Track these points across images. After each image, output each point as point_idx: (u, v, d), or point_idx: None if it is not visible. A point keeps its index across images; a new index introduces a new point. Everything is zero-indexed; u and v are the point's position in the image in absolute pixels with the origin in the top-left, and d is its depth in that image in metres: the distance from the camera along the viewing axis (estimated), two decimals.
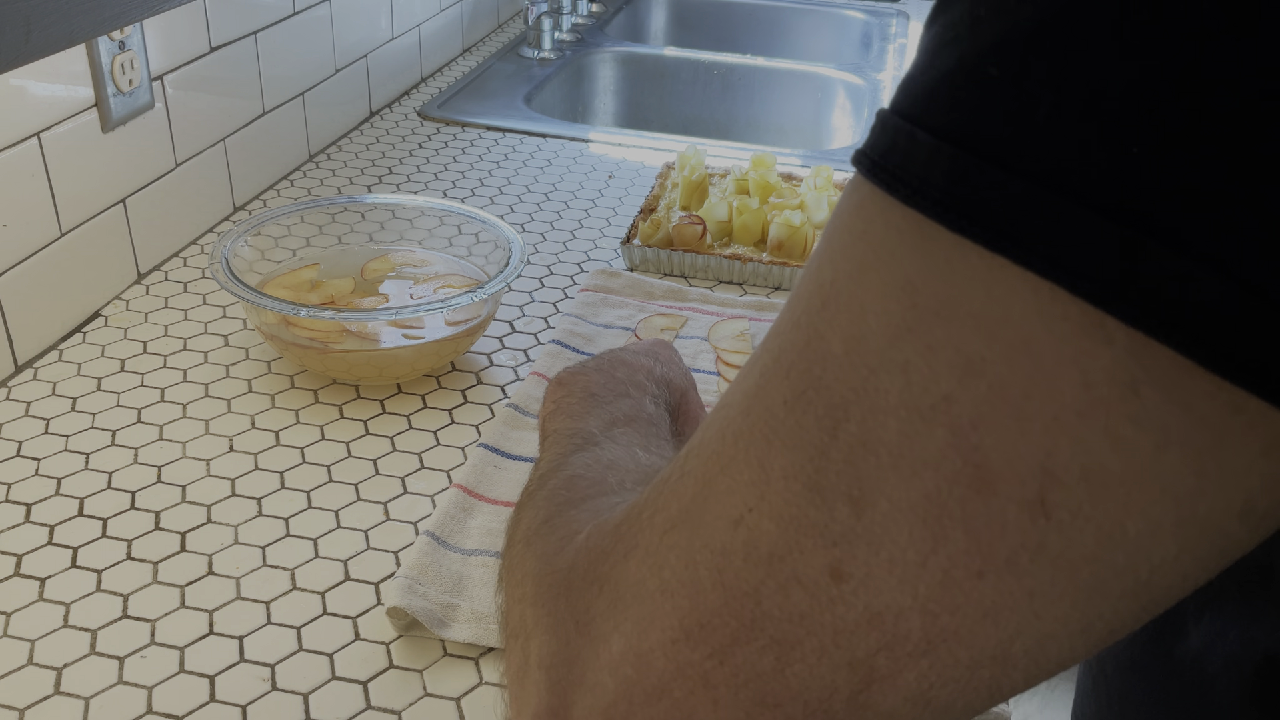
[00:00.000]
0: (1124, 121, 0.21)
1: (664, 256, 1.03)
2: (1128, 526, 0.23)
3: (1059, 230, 0.22)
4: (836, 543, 0.25)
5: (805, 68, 1.70)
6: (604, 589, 0.29)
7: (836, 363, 0.25)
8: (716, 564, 0.26)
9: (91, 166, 0.90)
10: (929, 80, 0.24)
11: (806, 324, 0.26)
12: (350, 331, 0.84)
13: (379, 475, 0.76)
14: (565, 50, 1.68)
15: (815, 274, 0.26)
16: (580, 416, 0.50)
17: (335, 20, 1.27)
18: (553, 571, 0.32)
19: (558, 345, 0.90)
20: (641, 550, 0.28)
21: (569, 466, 0.43)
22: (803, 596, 0.25)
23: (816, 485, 0.25)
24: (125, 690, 0.59)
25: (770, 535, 0.25)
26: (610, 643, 0.28)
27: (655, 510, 0.29)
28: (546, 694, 0.30)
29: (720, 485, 0.27)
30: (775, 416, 0.26)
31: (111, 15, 0.52)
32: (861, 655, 0.25)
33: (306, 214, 0.95)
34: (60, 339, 0.89)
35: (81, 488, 0.73)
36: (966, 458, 0.23)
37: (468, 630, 0.62)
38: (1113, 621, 0.25)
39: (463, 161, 1.28)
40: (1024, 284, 0.22)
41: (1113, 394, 0.22)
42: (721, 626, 0.26)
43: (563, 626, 0.30)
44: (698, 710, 0.26)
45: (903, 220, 0.24)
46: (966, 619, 0.24)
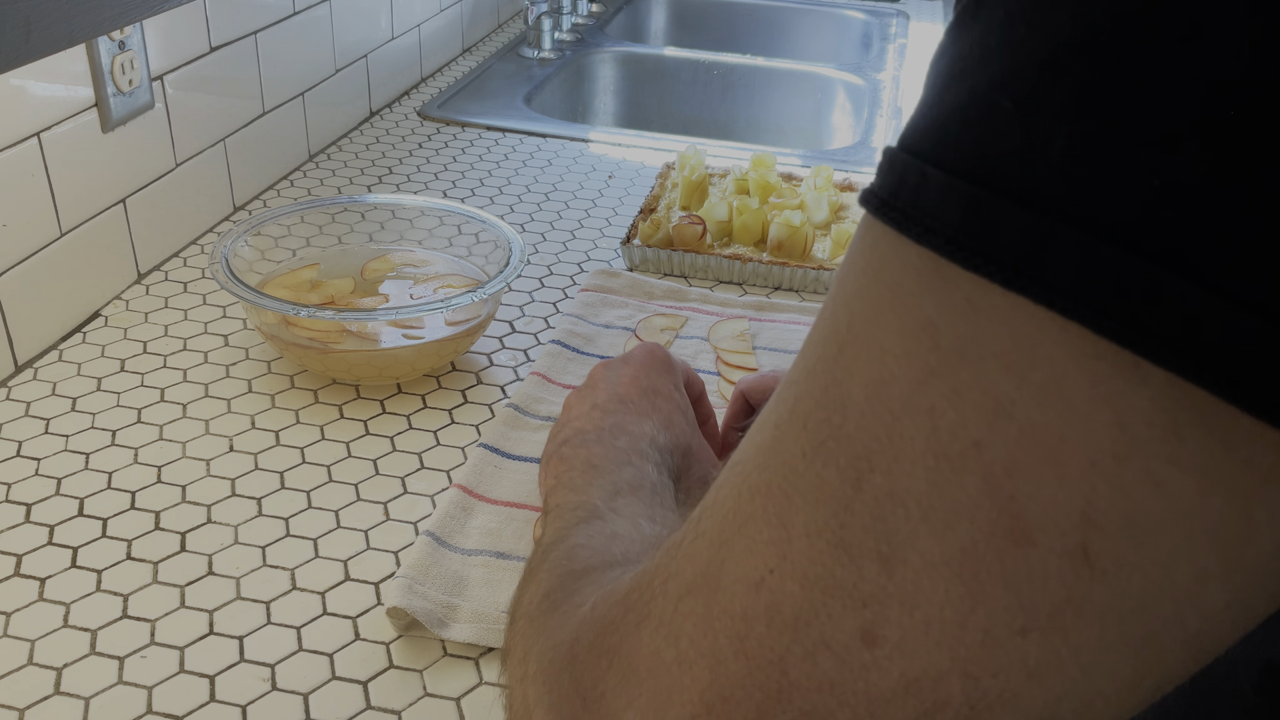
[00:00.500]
0: (1145, 154, 0.20)
1: (664, 256, 1.03)
2: (1175, 576, 0.22)
3: (1082, 267, 0.21)
4: (867, 604, 0.23)
5: (805, 68, 1.70)
6: (614, 662, 0.27)
7: (858, 410, 0.23)
8: (737, 631, 0.25)
9: (91, 166, 0.90)
10: (938, 115, 0.23)
11: (823, 371, 0.25)
12: (350, 331, 0.84)
13: (379, 475, 0.76)
14: (565, 50, 1.68)
15: (830, 319, 0.25)
16: (582, 489, 0.48)
17: (335, 20, 1.27)
18: (554, 646, 0.30)
19: (558, 345, 0.90)
20: (655, 619, 0.27)
21: (571, 538, 0.41)
22: (833, 664, 0.23)
23: (842, 542, 0.23)
24: (125, 690, 0.59)
25: (795, 598, 0.24)
26: (623, 719, 0.27)
27: (669, 576, 0.27)
28: None
29: (738, 546, 0.25)
30: (794, 470, 0.24)
31: (111, 15, 0.52)
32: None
33: (306, 214, 0.95)
34: (60, 339, 0.89)
35: (81, 488, 0.73)
36: (1002, 507, 0.22)
37: (468, 630, 0.62)
38: (1161, 676, 0.23)
39: (463, 161, 1.28)
40: (1050, 323, 0.21)
41: (1152, 436, 0.21)
42: (745, 700, 0.24)
43: (568, 704, 0.29)
44: None
45: (918, 259, 0.23)
46: (1011, 681, 0.23)
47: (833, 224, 1.11)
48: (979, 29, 0.23)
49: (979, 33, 0.23)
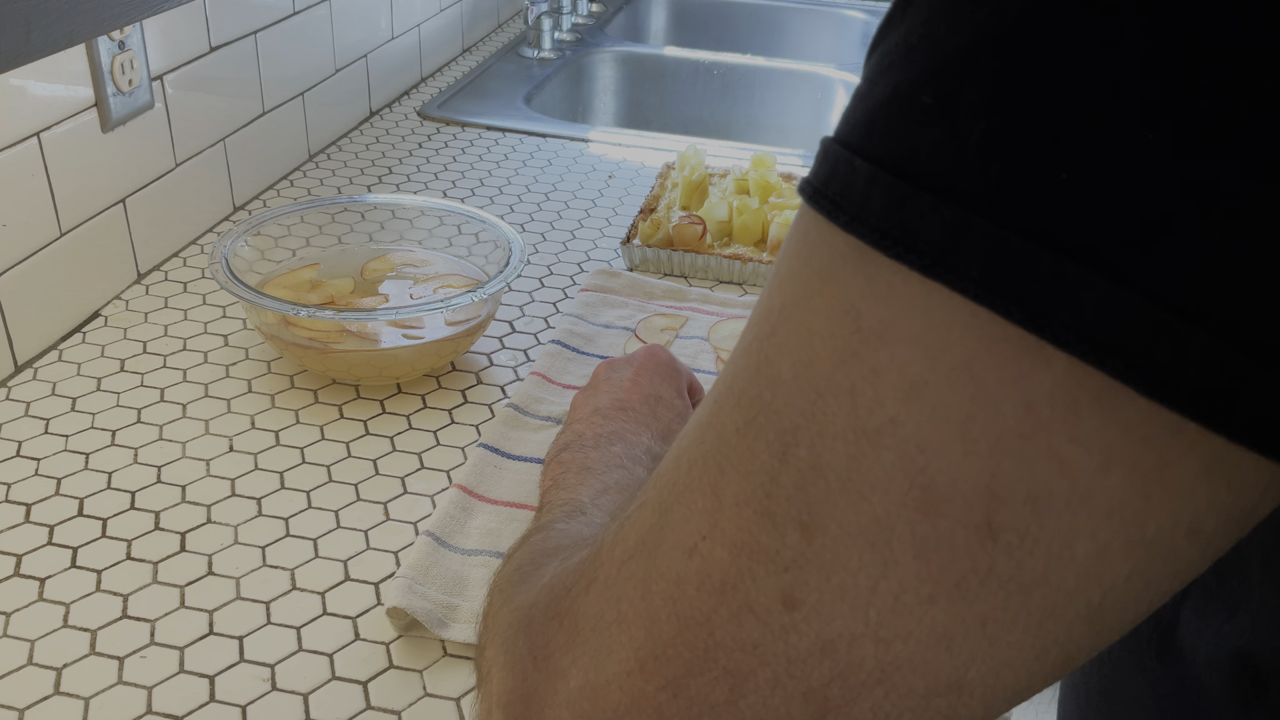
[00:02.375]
0: (1053, 149, 0.21)
1: (664, 256, 1.03)
2: (1076, 549, 0.23)
3: (992, 256, 0.22)
4: (788, 569, 0.24)
5: (805, 68, 1.70)
6: (563, 624, 0.29)
7: (785, 388, 0.24)
8: (671, 594, 0.26)
9: (91, 166, 0.90)
10: (867, 109, 0.24)
11: (756, 350, 0.26)
12: (350, 331, 0.84)
13: (379, 475, 0.76)
14: (565, 50, 1.68)
15: (766, 301, 0.26)
16: (573, 489, 0.50)
17: (335, 20, 1.27)
18: (514, 610, 0.32)
19: (558, 345, 0.90)
20: (600, 583, 0.28)
21: (551, 527, 0.42)
22: (755, 625, 0.25)
23: (768, 511, 0.24)
24: (125, 690, 0.59)
25: (723, 563, 0.25)
26: (569, 678, 0.28)
27: (615, 543, 0.28)
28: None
29: (676, 514, 0.26)
30: (727, 443, 0.25)
31: (111, 15, 0.52)
32: (816, 685, 0.24)
33: (306, 214, 0.95)
34: (60, 339, 0.89)
35: (81, 488, 0.73)
36: (913, 480, 0.23)
37: (468, 630, 0.62)
38: (1068, 647, 0.24)
39: (463, 161, 1.28)
40: (962, 309, 0.22)
41: (1054, 415, 0.22)
42: (675, 657, 0.25)
43: (520, 663, 0.30)
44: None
45: (844, 246, 0.24)
46: (919, 646, 0.24)
47: None
48: (905, 26, 0.24)
49: (905, 30, 0.24)
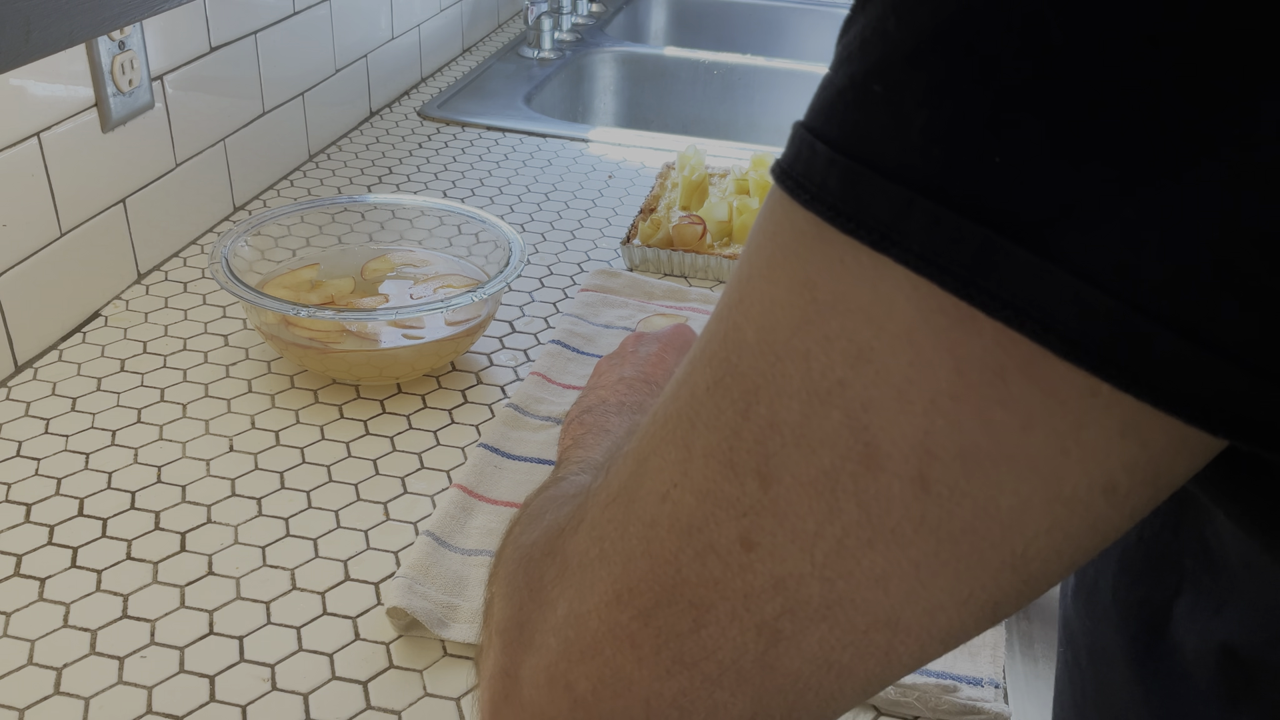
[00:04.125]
0: (984, 137, 0.23)
1: (664, 256, 1.03)
2: (1000, 502, 0.25)
3: (931, 231, 0.24)
4: (746, 514, 0.27)
5: (805, 68, 1.70)
6: (555, 560, 0.32)
7: (750, 351, 0.27)
8: (645, 534, 0.28)
9: (91, 166, 0.90)
10: (828, 96, 0.26)
11: (726, 316, 0.28)
12: (350, 331, 0.84)
13: (379, 475, 0.76)
14: (565, 50, 1.68)
15: (737, 271, 0.29)
16: (591, 449, 0.54)
17: (335, 20, 1.27)
18: (517, 548, 0.35)
19: (558, 345, 0.90)
20: (587, 524, 0.31)
21: (565, 479, 0.45)
22: (716, 564, 0.27)
23: (730, 462, 0.27)
24: (125, 690, 0.59)
25: (690, 508, 0.28)
26: (557, 608, 0.30)
27: (601, 488, 0.31)
28: (501, 655, 0.32)
29: (652, 464, 0.29)
30: (698, 400, 0.28)
31: (111, 15, 0.52)
32: (768, 618, 0.27)
33: (306, 214, 0.95)
34: (60, 339, 0.89)
35: (81, 488, 0.73)
36: (857, 436, 0.25)
37: (468, 630, 0.62)
38: (995, 593, 0.27)
39: (463, 161, 1.28)
40: (905, 280, 0.24)
41: (983, 380, 0.24)
42: (646, 591, 0.28)
43: (518, 594, 0.33)
44: (624, 667, 0.29)
45: (804, 223, 0.26)
46: (859, 585, 0.26)
47: None
48: (863, 20, 0.26)
49: (862, 24, 0.26)
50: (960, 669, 0.61)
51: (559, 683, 0.30)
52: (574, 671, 0.30)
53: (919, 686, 0.59)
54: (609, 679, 0.29)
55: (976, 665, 0.62)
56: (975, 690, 0.60)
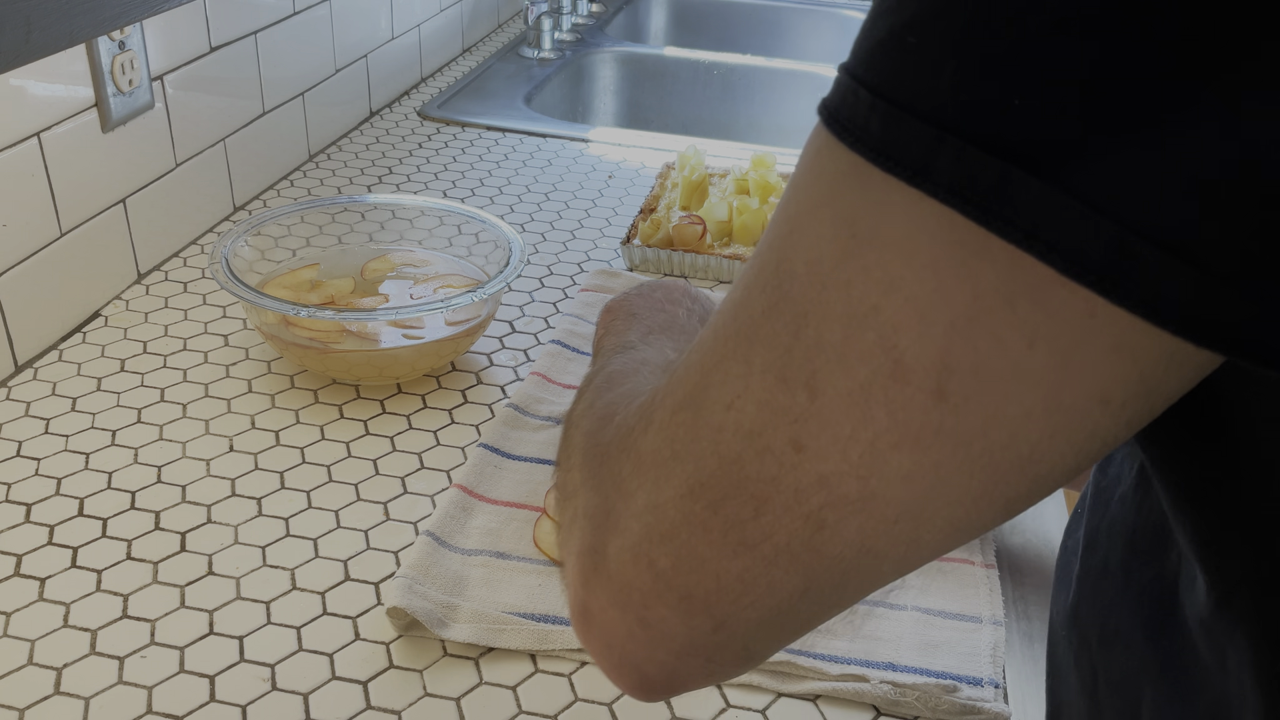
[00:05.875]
0: (1005, 81, 0.27)
1: (664, 256, 1.03)
2: (1007, 410, 0.29)
3: (958, 166, 0.27)
4: (796, 421, 0.31)
5: (805, 68, 1.70)
6: (630, 456, 0.36)
7: (799, 281, 0.31)
8: (713, 438, 0.33)
9: (91, 166, 0.90)
10: (868, 46, 0.30)
11: (779, 247, 0.32)
12: (350, 331, 0.84)
13: (379, 475, 0.76)
14: (565, 50, 1.68)
15: (785, 206, 0.33)
16: (623, 333, 0.59)
17: (335, 20, 1.27)
18: (595, 445, 0.40)
19: (558, 345, 0.90)
20: (657, 425, 0.35)
21: (610, 366, 0.50)
22: (773, 463, 0.32)
23: (784, 377, 0.31)
24: (125, 690, 0.59)
25: (751, 416, 0.32)
26: (636, 498, 0.35)
27: (667, 394, 0.35)
28: (588, 535, 0.37)
29: (716, 377, 0.33)
30: (755, 322, 0.32)
31: (111, 15, 0.52)
32: (814, 509, 0.31)
33: (306, 214, 0.95)
34: (60, 339, 0.89)
35: (81, 488, 0.73)
36: (887, 354, 0.29)
37: (468, 630, 0.62)
38: (1008, 492, 0.31)
39: (463, 161, 1.28)
40: (933, 215, 0.28)
41: (995, 304, 0.28)
42: (715, 485, 0.33)
43: (603, 486, 0.37)
44: (697, 548, 0.33)
45: (846, 164, 0.30)
46: (888, 482, 0.31)
47: None
48: None
49: None
50: (960, 669, 0.61)
51: (642, 560, 0.35)
52: (655, 551, 0.34)
53: (919, 686, 0.59)
54: (685, 558, 0.34)
55: (976, 665, 0.62)
56: (975, 690, 0.60)
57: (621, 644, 0.36)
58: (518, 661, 0.62)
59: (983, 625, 0.64)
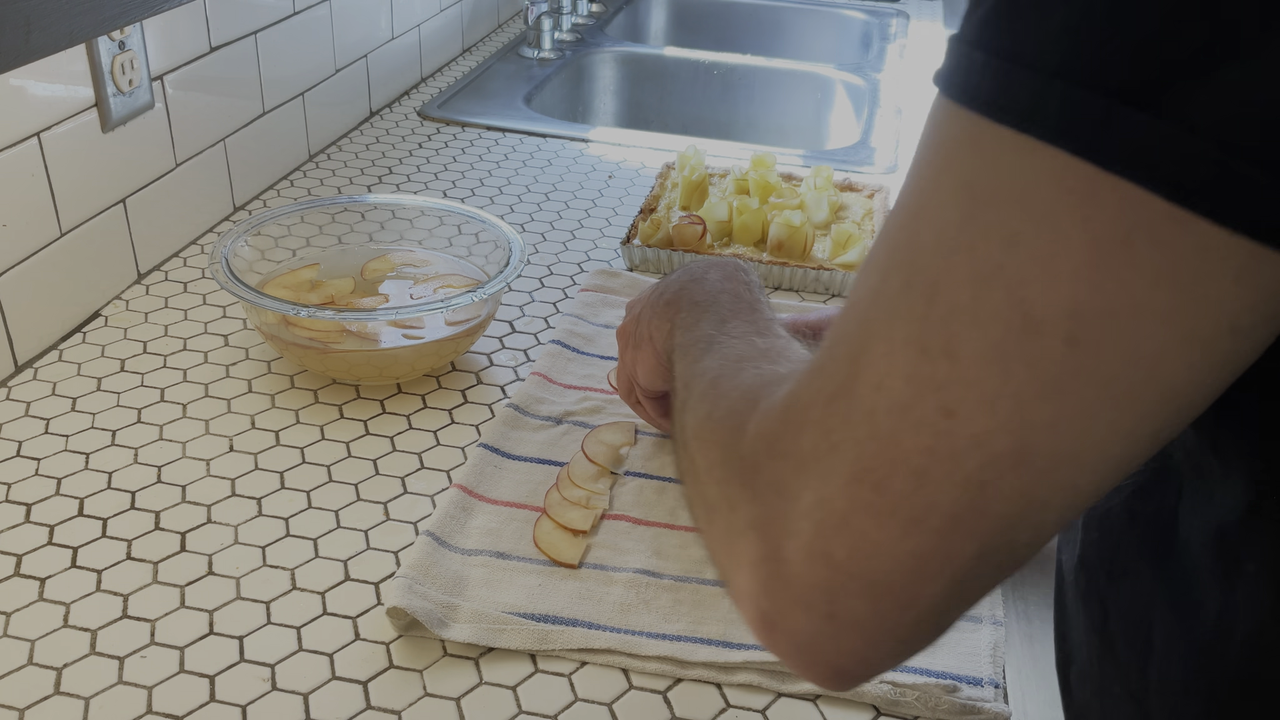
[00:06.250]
0: (1109, 23, 0.29)
1: (664, 256, 1.03)
2: (1141, 349, 0.30)
3: (1066, 107, 0.29)
4: (942, 388, 0.32)
5: (805, 68, 1.70)
6: (788, 461, 0.37)
7: (928, 251, 0.33)
8: (868, 421, 0.34)
9: (91, 166, 0.90)
10: (982, 13, 0.32)
11: (908, 225, 0.34)
12: (350, 331, 0.84)
13: (379, 475, 0.76)
14: (565, 50, 1.68)
15: (910, 186, 0.34)
16: (694, 326, 0.59)
17: (335, 20, 1.27)
18: (739, 458, 0.40)
19: (558, 345, 0.90)
20: (812, 424, 0.36)
21: (706, 371, 0.51)
22: (928, 433, 0.33)
23: (924, 347, 0.32)
24: (125, 690, 0.59)
25: (900, 390, 0.33)
26: (802, 498, 0.36)
27: (815, 390, 0.36)
28: (759, 546, 0.37)
29: (864, 360, 0.34)
30: (894, 300, 0.34)
31: (111, 15, 0.52)
32: (972, 472, 0.32)
33: (306, 214, 0.95)
34: (60, 339, 0.89)
35: (81, 488, 0.73)
36: (1016, 309, 0.31)
37: (468, 630, 0.62)
38: (1153, 425, 0.32)
39: (463, 161, 1.28)
40: (1045, 161, 0.30)
41: (1113, 246, 0.29)
42: (877, 466, 0.34)
43: (763, 495, 0.38)
44: (869, 533, 0.34)
45: (962, 130, 0.32)
46: (1037, 433, 0.31)
47: (833, 224, 1.11)
48: None
49: None
50: (960, 669, 0.61)
51: (819, 556, 0.35)
52: (830, 544, 0.35)
53: (919, 686, 0.59)
54: (859, 545, 0.34)
55: (977, 665, 0.62)
56: (975, 690, 0.60)
57: (812, 643, 0.37)
58: (518, 661, 0.62)
59: (982, 625, 0.64)
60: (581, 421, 0.81)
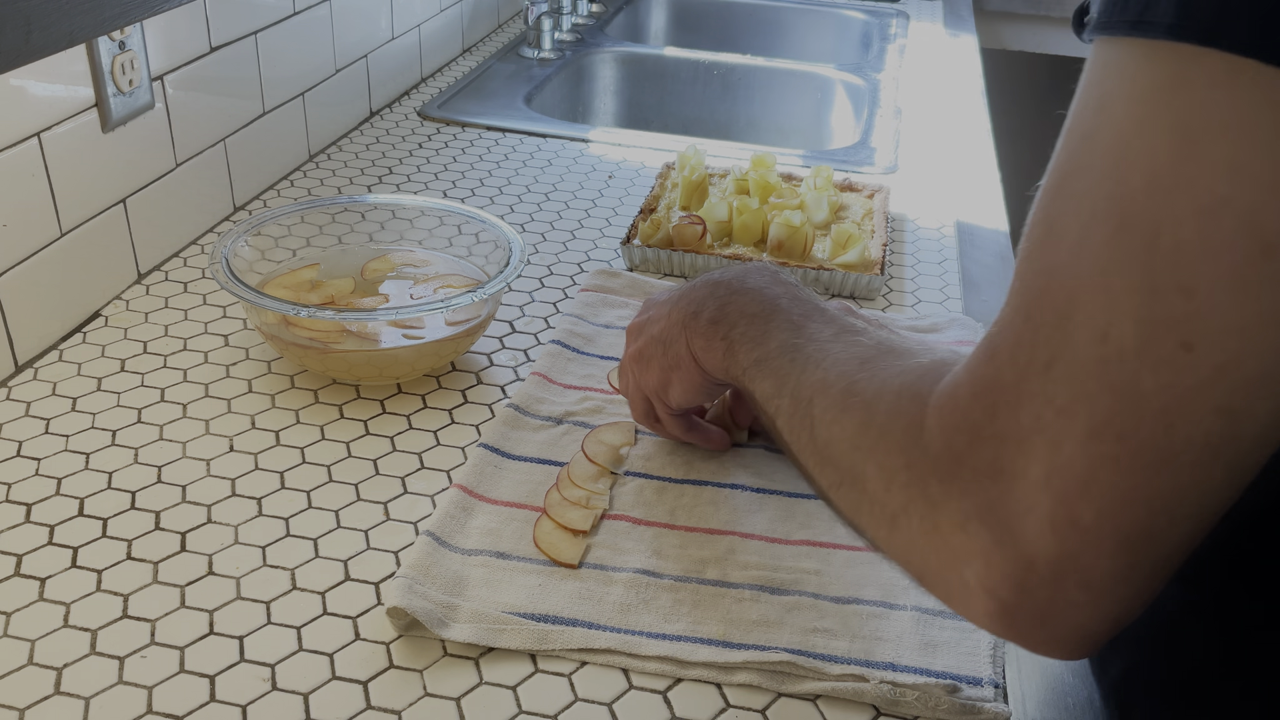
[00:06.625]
0: None
1: (664, 256, 1.03)
2: None
3: (1260, 17, 0.30)
4: (1179, 323, 0.33)
5: (805, 68, 1.70)
6: (1005, 441, 0.36)
7: (1140, 197, 0.33)
8: (1098, 373, 0.34)
9: (91, 166, 0.90)
10: None
11: (1109, 175, 0.34)
12: (350, 331, 0.84)
13: (379, 475, 0.76)
14: (565, 50, 1.68)
15: (1101, 137, 0.34)
16: (763, 339, 0.58)
17: (335, 20, 1.27)
18: (929, 457, 0.40)
19: (558, 345, 0.90)
20: (1028, 395, 0.36)
21: (826, 382, 0.49)
22: (1168, 371, 0.33)
23: (1153, 288, 0.33)
24: (125, 690, 0.59)
25: (1131, 335, 0.33)
26: (1029, 473, 0.35)
27: (1025, 363, 0.36)
28: (986, 534, 0.37)
29: (1077, 318, 0.34)
30: (1102, 251, 0.34)
31: (111, 15, 0.52)
32: (1221, 401, 0.33)
33: (306, 214, 0.95)
34: (60, 339, 0.89)
35: (81, 488, 0.73)
36: (1253, 236, 0.31)
37: (468, 630, 0.62)
38: None
39: (463, 161, 1.28)
40: (1253, 82, 0.30)
41: None
42: (1116, 417, 0.34)
43: (977, 484, 0.37)
44: (1117, 484, 0.34)
45: (1166, 65, 0.32)
46: (1269, 343, 0.32)
47: (833, 224, 1.11)
48: None
49: None
50: (960, 669, 0.61)
51: (1063, 525, 0.35)
52: (1075, 509, 0.34)
53: (919, 686, 0.59)
54: (1107, 499, 0.34)
55: (976, 665, 0.62)
56: (975, 690, 0.60)
57: (1062, 617, 0.36)
58: (518, 661, 0.62)
59: None
60: (582, 421, 0.81)
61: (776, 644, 0.62)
